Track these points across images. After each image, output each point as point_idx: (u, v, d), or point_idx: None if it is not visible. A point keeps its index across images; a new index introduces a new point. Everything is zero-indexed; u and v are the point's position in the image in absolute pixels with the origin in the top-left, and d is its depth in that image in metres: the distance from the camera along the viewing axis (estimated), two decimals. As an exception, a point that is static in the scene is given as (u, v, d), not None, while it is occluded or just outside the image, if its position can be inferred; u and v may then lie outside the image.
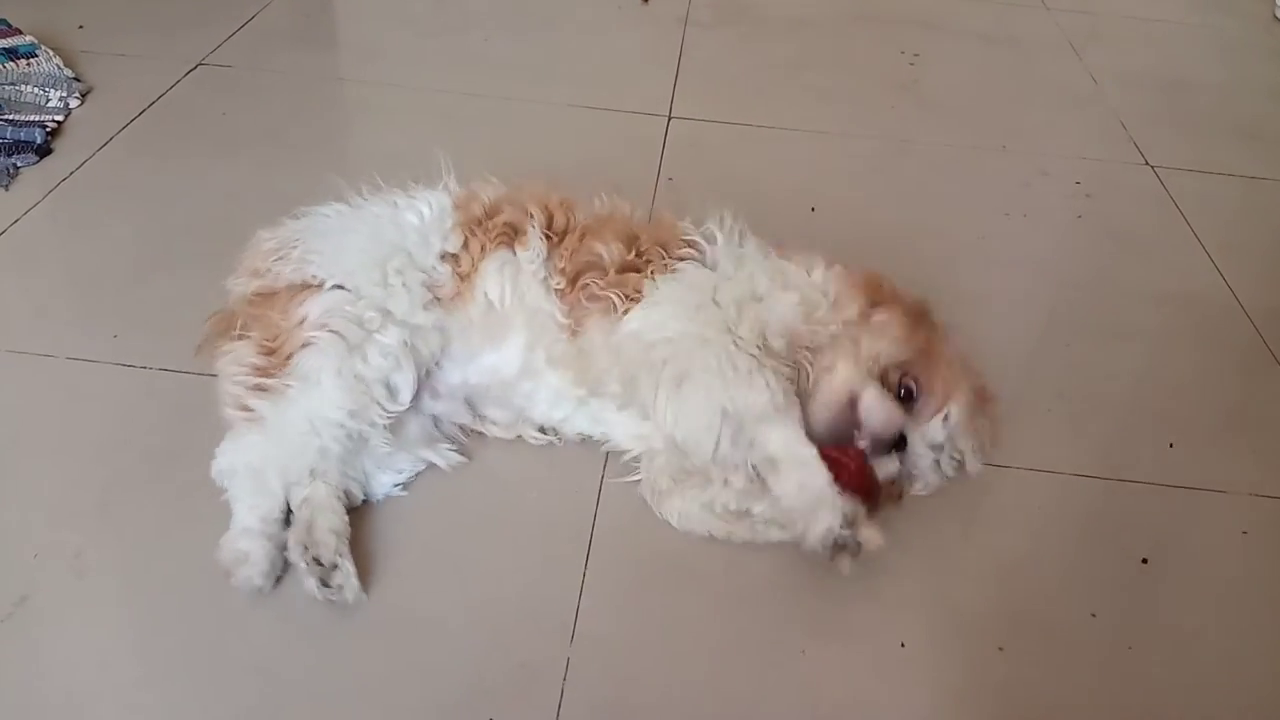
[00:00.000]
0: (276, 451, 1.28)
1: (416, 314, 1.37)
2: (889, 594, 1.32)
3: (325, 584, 1.21)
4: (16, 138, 2.04)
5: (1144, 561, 1.40)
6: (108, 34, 2.53)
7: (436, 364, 1.40)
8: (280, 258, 1.38)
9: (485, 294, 1.40)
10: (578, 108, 2.41)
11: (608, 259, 1.41)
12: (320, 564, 1.22)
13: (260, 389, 1.29)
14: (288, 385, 1.28)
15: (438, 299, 1.40)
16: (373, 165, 2.13)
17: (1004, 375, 1.69)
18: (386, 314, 1.34)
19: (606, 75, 2.57)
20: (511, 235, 1.43)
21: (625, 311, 1.37)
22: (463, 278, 1.41)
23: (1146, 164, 2.35)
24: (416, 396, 1.38)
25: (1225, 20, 3.26)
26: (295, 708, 1.16)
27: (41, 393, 1.53)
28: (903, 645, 1.27)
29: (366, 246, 1.40)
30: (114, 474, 1.39)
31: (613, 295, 1.38)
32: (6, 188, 1.95)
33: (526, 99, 2.42)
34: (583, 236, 1.44)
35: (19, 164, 2.00)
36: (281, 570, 1.26)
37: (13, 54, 2.27)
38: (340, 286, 1.35)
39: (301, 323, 1.30)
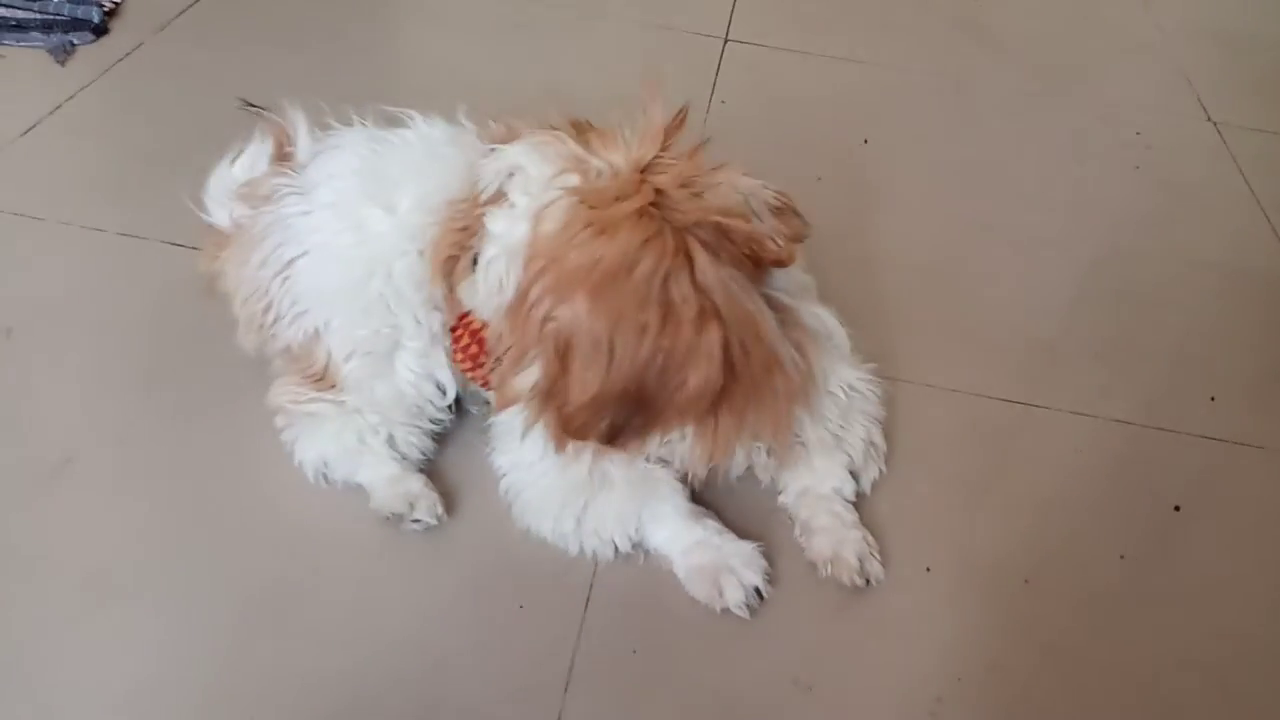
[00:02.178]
0: (361, 425, 1.25)
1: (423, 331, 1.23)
2: (917, 519, 1.32)
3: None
4: (74, 15, 2.03)
5: (1176, 509, 1.40)
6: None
7: None
8: (274, 321, 1.24)
9: None
10: (633, 22, 2.37)
11: None
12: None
13: (319, 398, 1.26)
14: (342, 399, 1.24)
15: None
16: (425, 69, 2.15)
17: (1049, 318, 1.69)
18: (396, 328, 1.22)
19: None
20: None
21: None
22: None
23: (1209, 120, 2.29)
24: None
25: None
26: (322, 582, 1.19)
27: (91, 265, 1.55)
28: (928, 570, 1.27)
29: (344, 280, 1.21)
30: (160, 348, 1.41)
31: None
32: (63, 64, 1.95)
33: (582, 11, 2.39)
34: None
35: (75, 41, 2.01)
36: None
37: (72, -68, 2.26)
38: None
39: (326, 364, 1.24)
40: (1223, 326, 1.73)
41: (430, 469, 1.29)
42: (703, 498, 1.26)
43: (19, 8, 2.03)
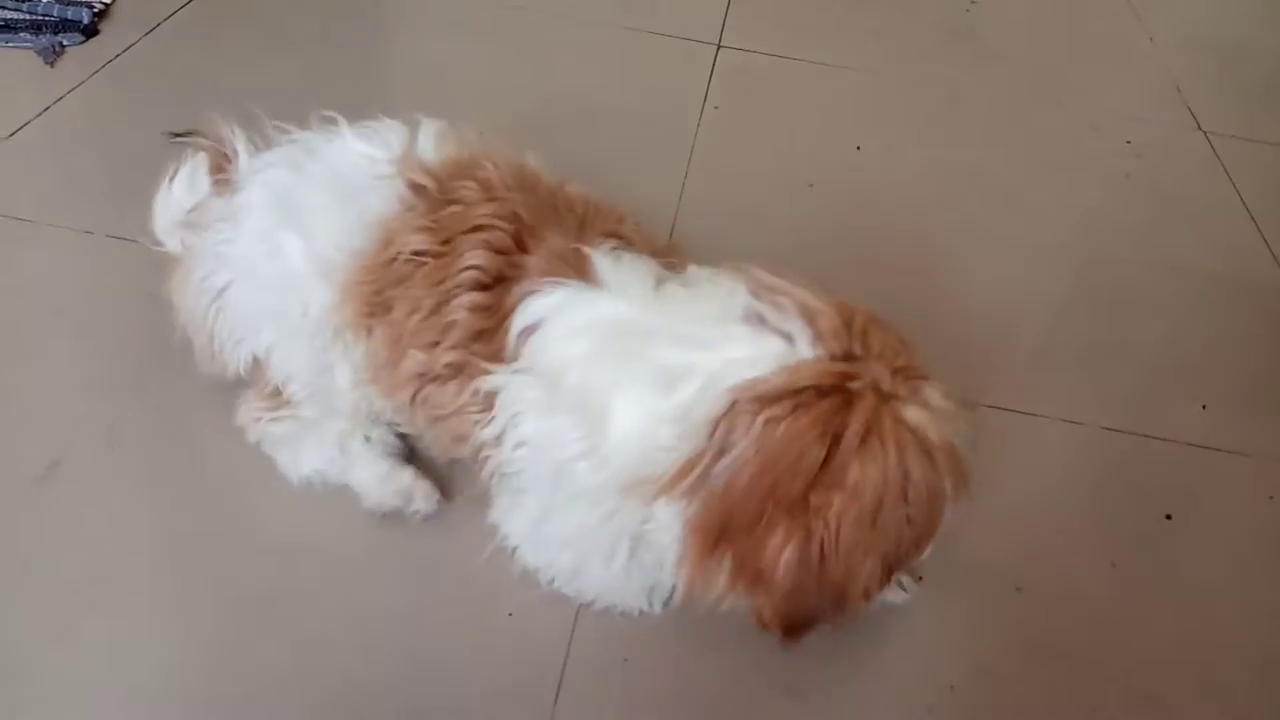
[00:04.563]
0: (337, 432, 1.25)
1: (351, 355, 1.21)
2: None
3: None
4: (64, 16, 2.02)
5: (1168, 517, 1.40)
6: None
7: None
8: (219, 349, 1.24)
9: None
10: (626, 29, 2.37)
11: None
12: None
13: (279, 416, 1.26)
14: (303, 415, 1.25)
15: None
16: (414, 73, 2.15)
17: (1037, 324, 1.70)
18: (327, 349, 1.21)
19: (658, -2, 2.53)
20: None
21: None
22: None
23: (1199, 129, 2.30)
24: None
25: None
26: (312, 586, 1.19)
27: (81, 268, 1.54)
28: (920, 579, 1.27)
29: (270, 304, 1.20)
30: (149, 353, 1.40)
31: None
32: (52, 65, 1.94)
33: (574, 17, 2.39)
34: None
35: (65, 43, 1.99)
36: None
37: (62, -68, 2.25)
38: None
39: (279, 388, 1.24)
40: (1213, 335, 1.74)
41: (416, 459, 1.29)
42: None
43: (8, 8, 2.02)
